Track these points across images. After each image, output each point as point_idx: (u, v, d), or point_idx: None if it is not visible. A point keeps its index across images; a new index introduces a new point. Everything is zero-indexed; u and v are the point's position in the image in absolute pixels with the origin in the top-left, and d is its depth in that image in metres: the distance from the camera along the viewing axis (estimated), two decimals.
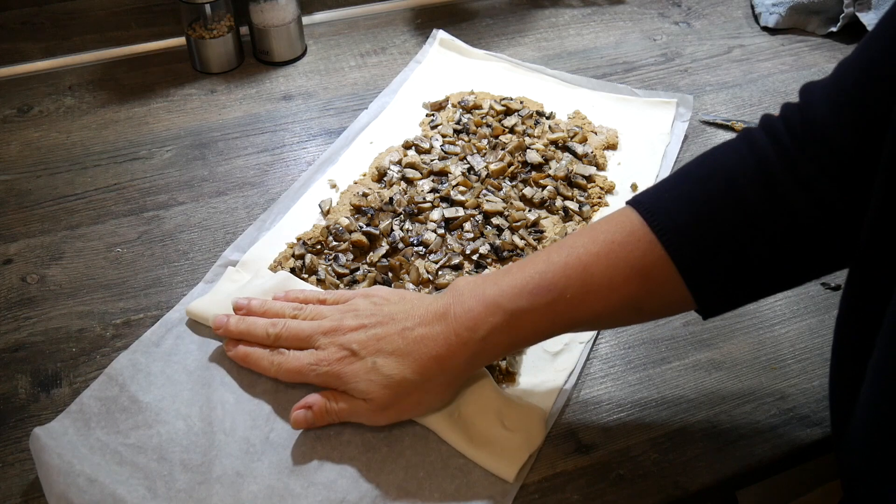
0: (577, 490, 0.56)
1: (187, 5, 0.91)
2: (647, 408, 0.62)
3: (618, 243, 0.54)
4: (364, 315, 0.59)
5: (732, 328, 0.68)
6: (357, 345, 0.57)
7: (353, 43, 1.02)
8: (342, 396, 0.58)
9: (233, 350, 0.62)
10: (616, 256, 0.53)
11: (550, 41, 1.03)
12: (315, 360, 0.58)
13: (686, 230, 0.52)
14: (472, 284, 0.57)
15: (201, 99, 0.92)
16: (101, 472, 0.55)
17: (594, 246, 0.54)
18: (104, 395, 0.60)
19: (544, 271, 0.54)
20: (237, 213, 0.77)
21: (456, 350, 0.55)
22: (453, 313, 0.56)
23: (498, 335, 0.55)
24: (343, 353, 0.57)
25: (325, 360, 0.57)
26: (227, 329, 0.62)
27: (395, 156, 0.81)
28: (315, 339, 0.59)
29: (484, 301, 0.55)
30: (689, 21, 1.07)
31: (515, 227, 0.73)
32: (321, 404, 0.58)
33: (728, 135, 0.88)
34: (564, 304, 0.54)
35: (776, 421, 0.61)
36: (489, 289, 0.56)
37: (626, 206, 0.56)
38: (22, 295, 0.69)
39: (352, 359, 0.57)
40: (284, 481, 0.56)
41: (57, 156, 0.84)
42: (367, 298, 0.61)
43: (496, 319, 0.54)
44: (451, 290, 0.58)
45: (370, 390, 0.56)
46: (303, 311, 0.62)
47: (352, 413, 0.57)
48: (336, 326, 0.59)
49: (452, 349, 0.55)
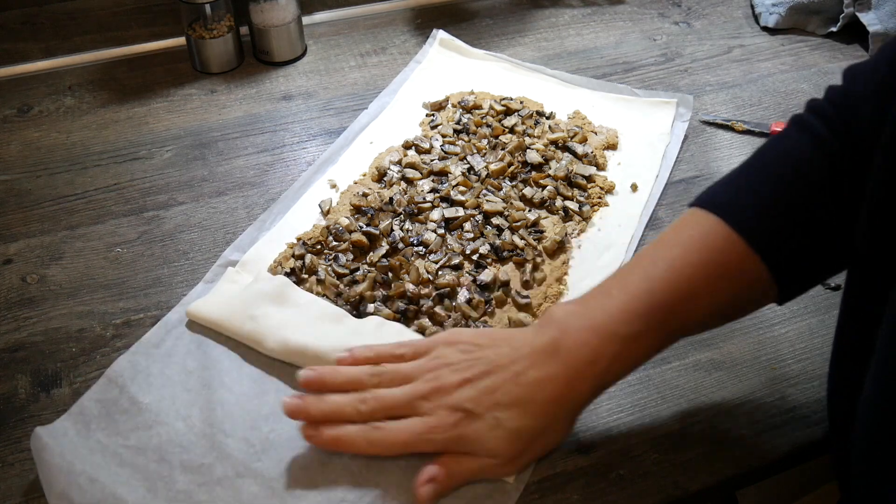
0: (577, 490, 0.56)
1: (187, 5, 0.91)
2: (647, 408, 0.62)
3: (707, 249, 0.53)
4: (462, 367, 0.54)
5: (732, 328, 0.68)
6: (470, 403, 0.52)
7: (353, 43, 1.02)
8: (465, 458, 0.53)
9: (317, 436, 0.54)
10: (712, 262, 0.53)
11: (550, 41, 1.03)
12: (426, 429, 0.53)
13: (762, 221, 0.53)
14: (576, 315, 0.54)
15: (201, 99, 0.92)
16: (102, 472, 0.55)
17: (690, 255, 0.53)
18: (104, 398, 0.60)
19: (651, 290, 0.53)
20: (237, 213, 0.77)
21: (577, 386, 0.53)
22: (566, 348, 0.53)
23: (618, 364, 0.53)
24: (457, 415, 0.52)
25: (440, 427, 0.53)
26: (307, 414, 0.55)
27: (395, 156, 0.81)
28: (416, 405, 0.53)
29: (597, 331, 0.53)
30: (689, 21, 1.07)
31: (515, 227, 0.73)
32: (445, 473, 0.53)
33: (728, 135, 0.88)
34: (675, 319, 0.53)
35: (776, 421, 0.61)
36: (598, 316, 0.53)
37: (695, 210, 0.56)
38: (22, 295, 0.69)
39: (469, 419, 0.52)
40: (284, 482, 0.56)
41: (57, 156, 0.84)
42: (454, 346, 0.56)
43: (614, 348, 0.52)
44: (550, 322, 0.55)
45: (498, 447, 0.52)
46: (383, 374, 0.55)
47: (480, 472, 0.54)
48: (437, 387, 0.53)
49: (573, 386, 0.52)
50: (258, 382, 0.62)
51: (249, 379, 0.62)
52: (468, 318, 0.66)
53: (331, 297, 0.67)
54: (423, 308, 0.66)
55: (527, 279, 0.69)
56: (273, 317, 0.64)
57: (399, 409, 0.54)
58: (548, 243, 0.72)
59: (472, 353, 0.55)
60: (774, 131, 0.87)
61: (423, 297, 0.67)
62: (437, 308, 0.66)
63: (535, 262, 0.71)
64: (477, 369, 0.54)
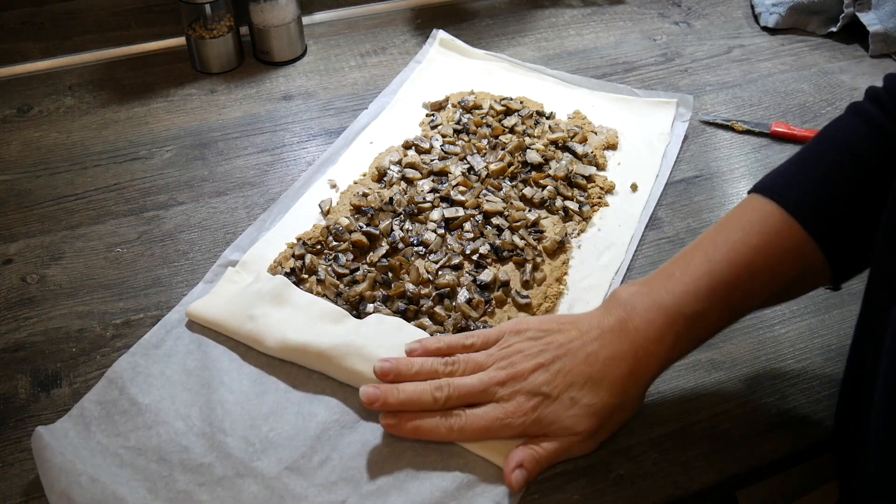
0: (577, 490, 0.56)
1: (187, 5, 0.91)
2: (647, 408, 0.62)
3: (766, 233, 0.56)
4: (534, 353, 0.57)
5: (732, 328, 0.67)
6: (546, 387, 0.55)
7: (353, 43, 1.02)
8: (545, 439, 0.56)
9: (398, 426, 0.56)
10: (771, 245, 0.55)
11: (550, 41, 1.03)
12: (505, 415, 0.55)
13: (818, 206, 0.56)
14: (641, 295, 0.57)
15: (201, 99, 0.92)
16: (103, 472, 0.55)
17: (750, 238, 0.56)
18: (104, 399, 0.60)
19: (712, 271, 0.55)
20: (237, 213, 0.77)
21: (645, 363, 0.55)
22: (633, 327, 0.55)
23: (683, 342, 0.56)
24: (535, 398, 0.55)
25: (519, 411, 0.55)
26: (385, 402, 0.56)
27: (395, 156, 0.81)
28: (492, 391, 0.56)
29: (663, 311, 0.55)
30: (689, 21, 1.07)
31: (515, 227, 0.73)
32: (531, 455, 0.55)
33: (728, 135, 0.88)
34: (736, 299, 0.56)
35: (776, 421, 0.61)
36: (663, 296, 0.56)
37: (754, 196, 0.58)
38: (22, 295, 0.69)
39: (546, 402, 0.55)
40: (284, 482, 0.56)
41: (57, 156, 0.84)
42: (522, 335, 0.58)
43: (679, 327, 0.55)
44: (617, 303, 0.57)
45: (576, 425, 0.55)
46: (456, 364, 0.58)
47: (563, 451, 0.56)
48: (512, 374, 0.56)
49: (642, 363, 0.55)
50: (258, 382, 0.62)
51: (249, 378, 0.62)
52: (468, 318, 0.66)
53: (331, 297, 0.67)
54: (423, 308, 0.66)
55: (527, 279, 0.69)
56: (272, 317, 0.64)
57: (475, 397, 0.56)
58: (548, 243, 0.72)
59: (541, 339, 0.57)
60: (775, 131, 0.87)
61: (423, 297, 0.67)
62: (437, 308, 0.66)
63: (535, 262, 0.71)
64: (549, 354, 0.56)
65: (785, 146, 0.87)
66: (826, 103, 0.93)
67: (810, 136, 0.86)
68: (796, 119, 0.90)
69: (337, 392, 0.61)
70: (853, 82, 0.96)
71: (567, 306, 0.69)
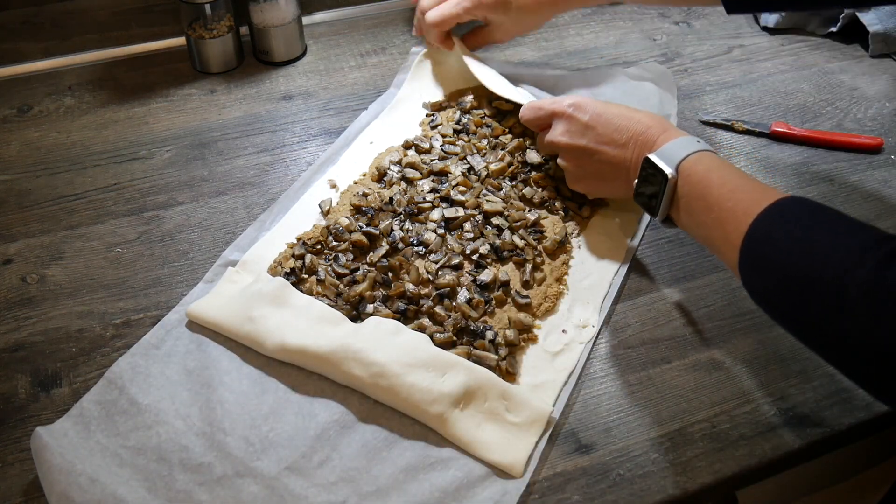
0: (577, 490, 0.56)
1: (187, 5, 0.91)
2: (647, 408, 0.62)
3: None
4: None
5: (732, 328, 0.68)
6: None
7: (353, 43, 1.02)
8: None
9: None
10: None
11: (550, 41, 1.03)
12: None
13: None
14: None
15: (201, 99, 0.92)
16: (102, 472, 0.55)
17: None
18: (104, 399, 0.60)
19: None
20: (237, 213, 0.77)
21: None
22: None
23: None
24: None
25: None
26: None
27: (395, 156, 0.81)
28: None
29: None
30: (689, 21, 1.07)
31: (515, 227, 0.73)
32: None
33: (728, 135, 0.88)
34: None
35: (776, 421, 0.61)
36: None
37: None
38: (22, 295, 0.69)
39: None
40: (284, 482, 0.56)
41: (57, 156, 0.84)
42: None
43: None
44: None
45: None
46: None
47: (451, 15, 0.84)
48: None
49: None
50: (258, 382, 0.62)
51: (249, 378, 0.62)
52: (468, 318, 0.66)
53: (331, 297, 0.67)
54: (423, 308, 0.66)
55: (527, 279, 0.69)
56: (271, 319, 0.64)
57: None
58: (548, 243, 0.72)
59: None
60: (775, 131, 0.87)
61: (423, 297, 0.67)
62: (437, 308, 0.66)
63: (535, 262, 0.71)
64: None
65: (785, 146, 0.87)
66: (826, 103, 0.93)
67: (810, 136, 0.86)
68: (796, 119, 0.90)
69: (337, 393, 0.61)
70: (853, 82, 0.96)
71: (567, 306, 0.69)
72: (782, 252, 0.53)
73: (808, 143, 0.87)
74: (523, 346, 0.65)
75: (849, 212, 0.65)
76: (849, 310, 0.48)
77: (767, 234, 0.55)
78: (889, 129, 0.89)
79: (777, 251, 0.53)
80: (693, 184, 0.62)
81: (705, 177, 0.61)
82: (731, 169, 0.62)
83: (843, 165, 0.84)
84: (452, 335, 0.64)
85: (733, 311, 0.69)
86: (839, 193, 0.81)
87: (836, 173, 0.83)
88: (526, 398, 0.60)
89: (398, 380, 0.59)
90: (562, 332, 0.67)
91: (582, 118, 0.71)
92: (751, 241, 0.55)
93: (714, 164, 0.62)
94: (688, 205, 0.62)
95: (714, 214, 0.59)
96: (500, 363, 0.63)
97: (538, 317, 0.68)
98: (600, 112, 0.70)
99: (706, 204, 0.60)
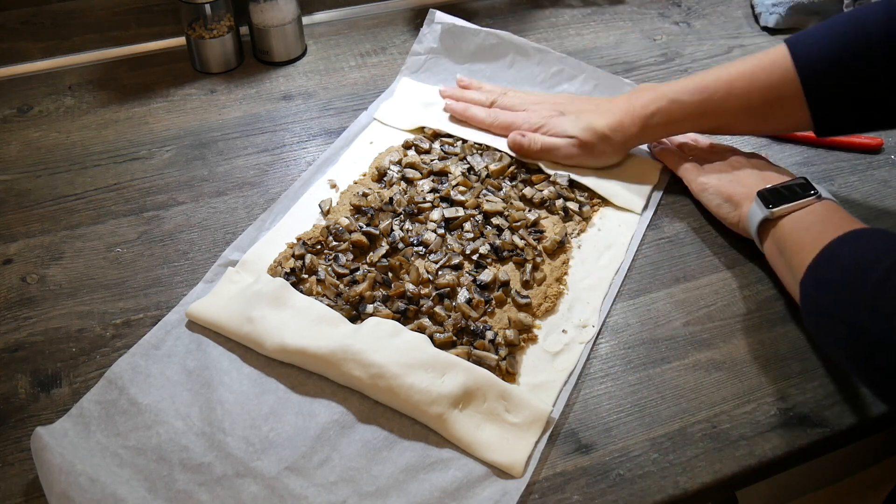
0: (577, 490, 0.56)
1: (187, 5, 0.91)
2: (647, 408, 0.62)
3: (760, 67, 0.72)
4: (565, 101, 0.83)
5: (732, 328, 0.68)
6: (563, 106, 0.81)
7: (353, 43, 1.02)
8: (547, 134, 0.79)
9: (453, 106, 0.86)
10: (757, 75, 0.72)
11: (550, 41, 1.03)
12: (527, 118, 0.81)
13: (818, 59, 0.69)
14: (652, 85, 0.79)
15: (201, 99, 0.92)
16: (102, 472, 0.55)
17: (743, 67, 0.73)
18: (103, 399, 0.60)
19: (702, 78, 0.75)
20: (237, 213, 0.77)
21: (631, 119, 0.76)
22: (633, 98, 0.78)
23: (660, 116, 0.76)
24: (554, 111, 0.81)
25: (538, 115, 0.80)
26: (451, 108, 0.86)
27: (395, 156, 0.81)
28: (526, 106, 0.83)
29: (655, 90, 0.77)
30: (689, 21, 1.07)
31: (515, 227, 0.73)
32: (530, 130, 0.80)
33: (728, 135, 0.88)
34: (712, 103, 0.74)
35: (776, 421, 0.61)
36: (661, 86, 0.77)
37: (781, 43, 0.72)
38: (22, 295, 0.69)
39: (560, 115, 0.80)
40: (284, 482, 0.56)
41: (57, 156, 0.84)
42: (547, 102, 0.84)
43: (662, 104, 0.75)
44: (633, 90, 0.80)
45: (574, 131, 0.78)
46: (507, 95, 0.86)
47: (554, 147, 0.78)
48: (544, 99, 0.84)
49: (630, 115, 0.77)
50: (258, 382, 0.62)
51: (249, 378, 0.62)
52: (468, 318, 0.66)
53: (331, 297, 0.67)
54: (423, 308, 0.66)
55: (527, 279, 0.69)
56: (271, 319, 0.64)
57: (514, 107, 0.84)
58: (548, 243, 0.72)
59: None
60: None
61: (423, 297, 0.67)
62: (437, 308, 0.66)
63: (535, 262, 0.71)
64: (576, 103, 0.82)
65: (785, 146, 0.87)
66: None
67: (810, 137, 0.86)
68: None
69: (336, 393, 0.61)
70: None
71: (567, 306, 0.69)
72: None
73: (809, 143, 0.87)
74: (523, 346, 0.65)
75: (849, 211, 0.65)
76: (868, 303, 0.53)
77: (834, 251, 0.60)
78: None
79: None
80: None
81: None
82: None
83: (843, 165, 0.84)
84: (452, 335, 0.64)
85: (733, 311, 0.69)
86: (839, 193, 0.81)
87: (836, 173, 0.83)
88: (525, 398, 0.60)
89: (397, 381, 0.59)
90: (562, 332, 0.67)
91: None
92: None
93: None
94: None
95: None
96: (500, 363, 0.63)
97: (538, 317, 0.68)
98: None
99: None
